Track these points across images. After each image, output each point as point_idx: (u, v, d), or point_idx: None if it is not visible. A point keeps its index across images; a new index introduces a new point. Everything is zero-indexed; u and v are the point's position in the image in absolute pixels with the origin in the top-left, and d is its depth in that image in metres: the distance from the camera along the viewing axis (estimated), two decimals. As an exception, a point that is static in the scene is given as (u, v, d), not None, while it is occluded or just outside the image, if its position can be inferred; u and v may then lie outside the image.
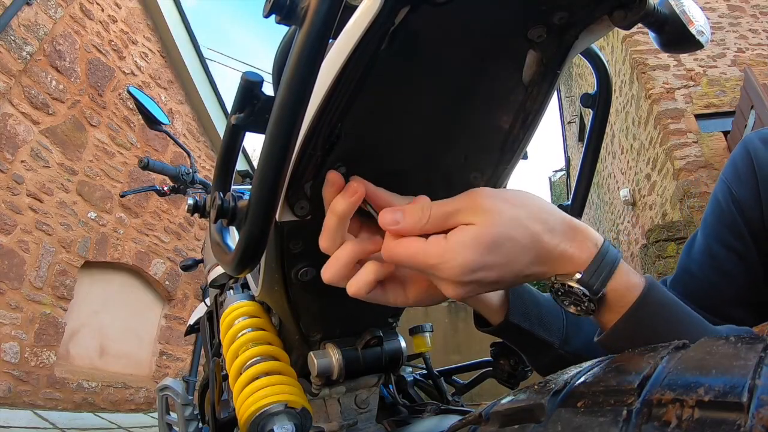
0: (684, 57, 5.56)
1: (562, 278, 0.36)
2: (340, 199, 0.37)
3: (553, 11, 0.36)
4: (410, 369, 0.85)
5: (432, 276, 0.36)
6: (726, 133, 4.97)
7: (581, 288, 0.35)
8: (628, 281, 0.36)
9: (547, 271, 0.37)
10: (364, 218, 0.41)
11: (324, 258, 0.49)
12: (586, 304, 0.36)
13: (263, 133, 0.33)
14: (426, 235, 0.36)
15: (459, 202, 0.36)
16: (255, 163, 0.35)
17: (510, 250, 0.34)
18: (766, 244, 0.54)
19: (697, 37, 0.36)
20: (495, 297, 0.47)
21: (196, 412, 0.98)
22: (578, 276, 0.36)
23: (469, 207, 0.35)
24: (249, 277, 0.70)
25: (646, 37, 5.66)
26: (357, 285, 0.38)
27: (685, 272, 0.61)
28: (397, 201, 0.39)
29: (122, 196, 1.79)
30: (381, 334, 0.58)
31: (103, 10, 4.00)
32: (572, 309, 0.37)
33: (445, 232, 0.36)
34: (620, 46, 6.33)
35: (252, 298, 0.68)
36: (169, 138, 1.55)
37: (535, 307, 0.47)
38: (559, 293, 0.37)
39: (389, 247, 0.37)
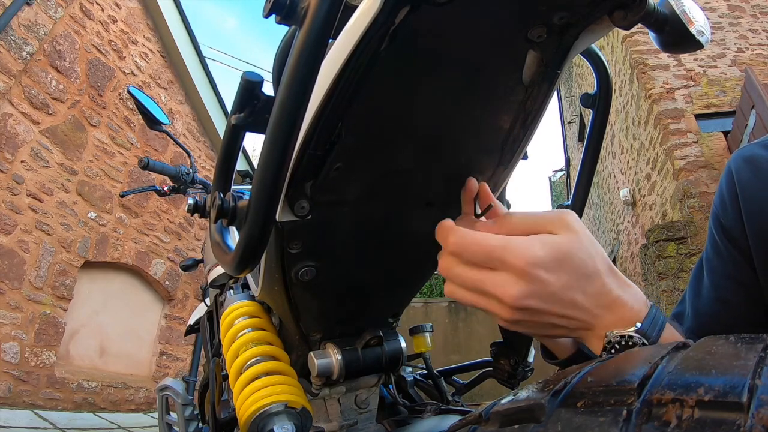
0: (684, 57, 5.56)
1: (621, 329, 0.36)
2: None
3: (554, 11, 0.36)
4: (410, 369, 0.85)
5: (491, 281, 0.36)
6: (726, 133, 4.97)
7: (641, 338, 0.35)
8: (672, 333, 0.38)
9: (593, 315, 0.36)
10: None
11: (324, 258, 0.49)
12: None
13: (263, 133, 0.33)
14: None
15: (548, 214, 0.38)
16: (255, 163, 0.35)
17: (575, 271, 0.35)
18: (761, 268, 0.51)
19: (697, 37, 0.36)
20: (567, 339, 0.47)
21: (196, 412, 0.98)
22: (639, 326, 0.36)
23: (558, 220, 0.37)
24: (249, 277, 0.70)
25: (646, 37, 5.66)
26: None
27: (697, 315, 0.59)
28: None
29: (122, 196, 1.79)
30: (381, 334, 0.58)
31: (103, 10, 3.99)
32: None
33: None
34: (620, 46, 6.33)
35: (252, 298, 0.68)
36: (169, 138, 1.55)
37: None
38: (616, 347, 0.36)
39: (460, 232, 0.38)
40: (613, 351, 0.36)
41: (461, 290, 0.38)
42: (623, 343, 0.36)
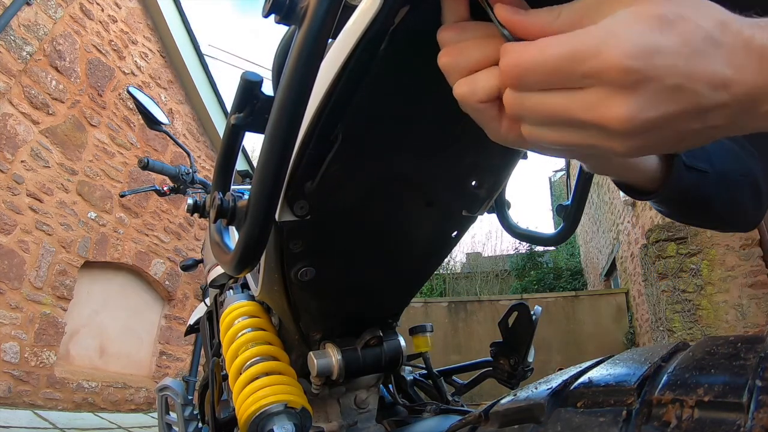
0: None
1: None
2: None
3: None
4: (410, 369, 0.85)
5: (581, 103, 0.24)
6: (726, 133, 4.96)
7: None
8: None
9: (746, 75, 0.23)
10: None
11: (324, 258, 0.49)
12: None
13: (263, 133, 0.33)
14: None
15: None
16: (255, 163, 0.35)
17: (688, 31, 0.23)
18: None
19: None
20: (651, 156, 0.40)
21: (195, 412, 0.98)
22: None
23: None
24: (249, 277, 0.70)
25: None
26: (474, 87, 0.28)
27: None
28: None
29: (122, 196, 1.79)
30: (381, 334, 0.58)
31: (103, 10, 3.99)
32: None
33: None
34: (620, 46, 6.32)
35: (252, 298, 0.68)
36: (169, 138, 1.55)
37: None
38: None
39: (515, 51, 0.25)
40: None
41: (544, 129, 0.26)
42: None
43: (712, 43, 0.23)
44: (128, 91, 1.38)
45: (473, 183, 0.47)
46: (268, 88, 0.37)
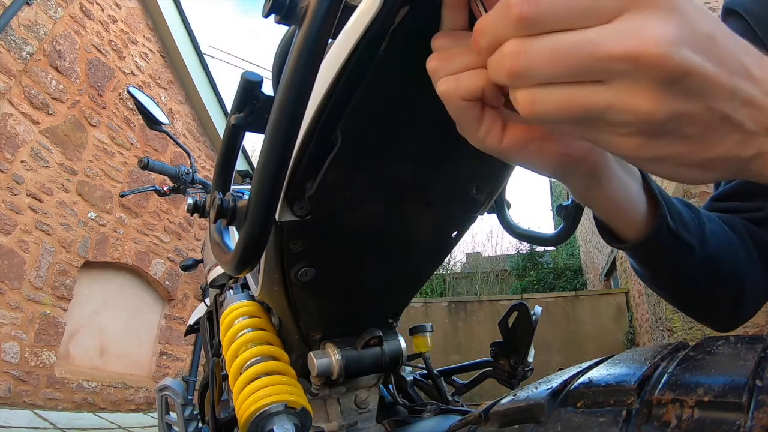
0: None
1: None
2: None
3: None
4: (410, 369, 0.85)
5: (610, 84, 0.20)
6: (726, 133, 4.96)
7: None
8: None
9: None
10: None
11: (324, 258, 0.49)
12: None
13: (263, 133, 0.33)
14: None
15: None
16: (255, 163, 0.35)
17: (713, 24, 0.21)
18: None
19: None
20: (640, 202, 0.39)
21: (195, 412, 0.98)
22: None
23: None
24: (249, 277, 0.70)
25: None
26: (458, 84, 0.26)
27: None
28: None
29: (122, 197, 1.79)
30: (381, 334, 0.58)
31: (103, 10, 3.99)
32: None
33: None
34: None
35: (252, 298, 0.68)
36: (169, 138, 1.56)
37: (673, 204, 0.41)
38: None
39: (520, 46, 0.21)
40: None
41: (550, 90, 0.21)
42: None
43: (733, 40, 0.22)
44: (128, 91, 1.38)
45: (473, 185, 0.47)
46: (268, 88, 0.37)
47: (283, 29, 0.40)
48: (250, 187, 0.46)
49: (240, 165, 4.38)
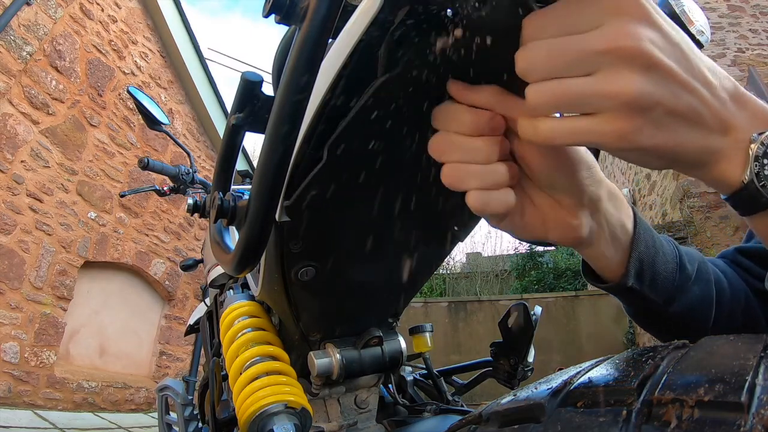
0: (684, 57, 5.55)
1: (762, 128, 0.28)
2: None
3: None
4: (410, 369, 0.85)
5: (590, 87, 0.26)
6: (726, 133, 4.96)
7: None
8: None
9: (726, 106, 0.28)
10: None
11: (324, 258, 0.49)
12: None
13: (263, 133, 0.33)
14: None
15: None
16: (255, 163, 0.35)
17: (681, 38, 0.27)
18: None
19: (698, 36, 0.36)
20: (618, 250, 0.42)
21: (195, 412, 0.98)
22: None
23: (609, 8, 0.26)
24: (249, 277, 0.70)
25: (646, 37, 5.64)
26: (491, 201, 0.33)
27: None
28: None
29: (122, 196, 1.79)
30: (381, 334, 0.58)
31: (103, 10, 3.99)
32: None
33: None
34: (620, 46, 6.32)
35: (252, 298, 0.68)
36: (169, 138, 1.56)
37: (651, 260, 0.43)
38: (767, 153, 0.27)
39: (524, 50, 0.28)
40: (765, 162, 0.27)
41: (551, 84, 0.27)
42: None
43: (700, 57, 0.28)
44: (128, 91, 1.38)
45: None
46: (268, 88, 0.37)
47: (283, 29, 0.40)
48: (250, 187, 0.46)
49: (240, 165, 4.38)
